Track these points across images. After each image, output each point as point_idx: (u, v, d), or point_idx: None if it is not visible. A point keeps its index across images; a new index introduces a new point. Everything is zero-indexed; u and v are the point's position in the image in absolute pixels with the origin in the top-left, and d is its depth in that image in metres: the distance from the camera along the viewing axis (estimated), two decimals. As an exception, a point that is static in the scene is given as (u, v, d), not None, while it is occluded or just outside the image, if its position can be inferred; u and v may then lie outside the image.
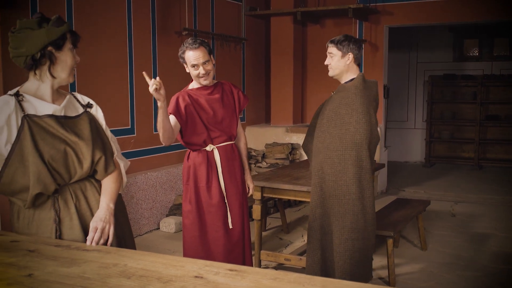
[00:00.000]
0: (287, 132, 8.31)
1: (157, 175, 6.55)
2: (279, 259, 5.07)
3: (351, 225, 3.73)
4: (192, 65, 3.94)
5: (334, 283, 1.77)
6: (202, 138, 3.98)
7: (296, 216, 7.19)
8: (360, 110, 3.73)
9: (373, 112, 3.79)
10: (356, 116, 3.73)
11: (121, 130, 6.14)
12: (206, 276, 1.85)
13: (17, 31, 2.44)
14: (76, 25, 5.46)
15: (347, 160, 3.73)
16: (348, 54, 3.88)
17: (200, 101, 3.99)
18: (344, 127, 3.75)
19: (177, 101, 3.97)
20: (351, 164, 3.72)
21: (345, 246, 3.74)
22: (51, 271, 1.94)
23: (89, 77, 5.66)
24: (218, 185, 3.99)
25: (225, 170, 4.02)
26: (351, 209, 3.73)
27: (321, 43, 8.88)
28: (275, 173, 5.40)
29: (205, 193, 3.97)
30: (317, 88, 9.02)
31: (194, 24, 7.29)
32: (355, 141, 3.71)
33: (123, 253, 2.16)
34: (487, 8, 7.90)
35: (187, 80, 7.17)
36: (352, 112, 3.75)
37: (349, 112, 3.76)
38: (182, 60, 3.99)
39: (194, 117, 3.94)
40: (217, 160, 4.00)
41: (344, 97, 3.85)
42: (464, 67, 11.55)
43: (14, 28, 2.45)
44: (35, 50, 2.44)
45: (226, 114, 4.06)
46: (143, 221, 6.34)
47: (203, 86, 4.03)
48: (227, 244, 4.01)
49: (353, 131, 3.72)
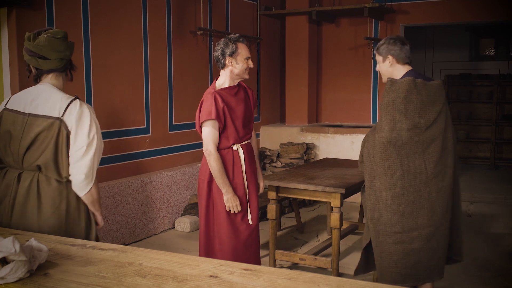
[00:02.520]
0: (302, 131, 8.29)
1: (172, 174, 6.56)
2: (294, 258, 5.06)
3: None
4: (247, 57, 3.94)
5: (350, 282, 1.77)
6: (233, 141, 3.98)
7: (311, 216, 7.18)
8: (382, 108, 3.69)
9: (396, 112, 3.61)
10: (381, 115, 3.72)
11: (136, 129, 6.17)
12: (221, 276, 1.85)
13: (63, 37, 3.03)
14: (92, 25, 5.49)
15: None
16: (387, 57, 3.85)
17: (231, 102, 3.95)
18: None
19: (216, 106, 3.85)
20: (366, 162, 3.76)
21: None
22: (67, 270, 1.95)
23: (105, 77, 5.69)
24: (242, 182, 4.02)
25: (248, 167, 4.06)
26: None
27: (336, 43, 8.86)
28: (290, 172, 5.39)
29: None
30: (332, 87, 9.00)
31: (209, 24, 7.30)
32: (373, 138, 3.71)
33: (138, 252, 2.16)
34: (503, 7, 7.83)
35: (201, 80, 7.21)
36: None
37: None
38: (229, 53, 3.89)
39: (228, 120, 3.92)
40: (242, 158, 4.02)
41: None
42: (480, 67, 11.46)
43: (56, 33, 2.99)
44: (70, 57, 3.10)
45: (250, 113, 4.10)
46: (158, 220, 6.36)
47: (230, 86, 4.00)
48: (247, 239, 4.05)
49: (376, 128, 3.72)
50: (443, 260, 3.81)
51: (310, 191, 4.84)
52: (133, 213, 5.97)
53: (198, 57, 7.16)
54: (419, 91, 3.65)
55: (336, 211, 4.73)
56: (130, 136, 6.08)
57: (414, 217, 3.61)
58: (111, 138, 5.82)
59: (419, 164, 3.61)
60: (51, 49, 2.90)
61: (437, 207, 3.65)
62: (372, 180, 3.70)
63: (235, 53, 3.88)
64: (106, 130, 5.75)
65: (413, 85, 3.64)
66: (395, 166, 3.59)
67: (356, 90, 8.79)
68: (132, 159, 6.12)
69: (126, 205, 5.88)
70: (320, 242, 5.91)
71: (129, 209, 5.92)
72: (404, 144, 3.60)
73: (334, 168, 5.67)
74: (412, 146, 3.61)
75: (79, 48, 5.38)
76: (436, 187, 3.64)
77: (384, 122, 3.63)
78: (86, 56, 5.46)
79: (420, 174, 3.61)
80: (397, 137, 3.59)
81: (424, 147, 3.64)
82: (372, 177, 3.70)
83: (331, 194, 4.72)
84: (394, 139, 3.59)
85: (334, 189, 4.68)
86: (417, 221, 3.62)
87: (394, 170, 3.59)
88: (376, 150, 3.66)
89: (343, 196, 4.70)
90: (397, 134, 3.59)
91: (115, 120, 5.87)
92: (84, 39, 5.43)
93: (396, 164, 3.59)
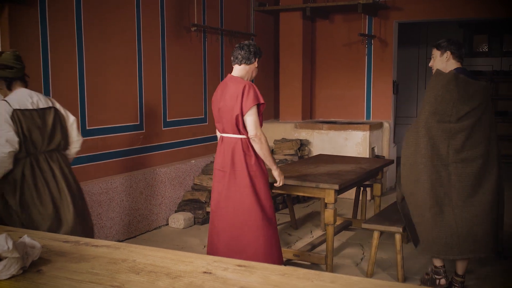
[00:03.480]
0: (296, 128, 8.30)
1: (166, 171, 6.56)
2: (288, 255, 5.07)
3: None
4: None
5: (344, 278, 1.77)
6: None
7: (305, 212, 7.19)
8: (426, 94, 4.31)
9: (433, 99, 4.18)
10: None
11: (130, 126, 6.16)
12: (214, 272, 1.85)
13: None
14: (85, 21, 5.47)
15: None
16: (446, 52, 4.39)
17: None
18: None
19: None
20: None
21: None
22: (60, 267, 1.94)
23: (98, 73, 5.67)
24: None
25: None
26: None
27: (330, 39, 8.87)
28: (284, 169, 5.39)
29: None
30: (326, 84, 9.00)
31: (203, 20, 7.28)
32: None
33: (132, 248, 2.16)
34: (497, 4, 7.84)
35: (195, 76, 7.20)
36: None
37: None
38: (258, 57, 4.45)
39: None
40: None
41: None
42: (474, 63, 11.49)
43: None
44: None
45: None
46: (152, 217, 6.35)
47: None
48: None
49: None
50: (466, 239, 4.17)
51: (304, 188, 4.84)
52: (126, 210, 5.96)
53: (192, 53, 7.15)
54: (458, 84, 4.15)
55: (330, 207, 4.74)
56: (123, 133, 6.07)
57: (434, 193, 4.14)
58: (104, 135, 5.81)
59: (442, 148, 4.13)
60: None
61: (453, 190, 4.14)
62: (408, 158, 4.24)
63: (259, 60, 4.45)
64: (100, 126, 5.73)
65: (453, 77, 4.17)
66: (423, 146, 4.13)
67: (350, 86, 8.80)
68: (126, 155, 6.11)
69: (120, 202, 5.87)
70: (314, 238, 5.92)
71: (123, 205, 5.92)
72: (433, 128, 4.14)
73: (328, 164, 5.67)
74: (439, 131, 4.13)
75: (72, 44, 5.36)
76: (456, 171, 4.13)
77: (424, 108, 4.20)
78: (79, 52, 5.44)
79: (441, 157, 4.13)
80: (429, 121, 4.14)
81: (452, 134, 4.13)
82: (407, 155, 4.24)
83: (325, 191, 4.72)
84: (428, 121, 4.14)
85: (328, 186, 4.68)
86: (436, 198, 4.14)
87: (422, 149, 4.13)
88: (412, 130, 4.22)
89: (337, 192, 4.71)
90: (430, 118, 4.14)
91: (109, 117, 5.86)
92: (77, 35, 5.40)
93: (424, 143, 4.13)
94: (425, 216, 4.18)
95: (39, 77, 5.01)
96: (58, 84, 5.20)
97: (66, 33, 5.30)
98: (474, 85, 4.22)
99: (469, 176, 4.14)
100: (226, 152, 4.30)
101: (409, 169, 4.23)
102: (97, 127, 5.71)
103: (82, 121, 5.52)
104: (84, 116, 5.53)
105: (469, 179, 4.14)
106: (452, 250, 4.19)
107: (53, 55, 5.14)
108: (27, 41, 4.91)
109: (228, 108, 4.24)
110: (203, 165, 7.23)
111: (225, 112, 4.28)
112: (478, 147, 4.19)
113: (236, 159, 4.26)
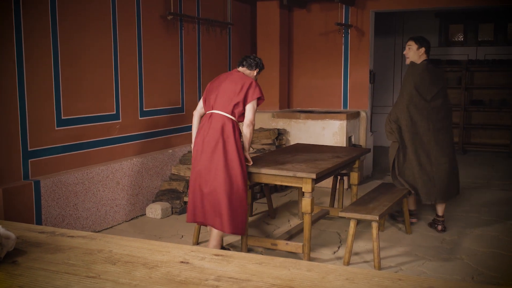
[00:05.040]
0: (274, 117, 8.31)
1: (143, 161, 6.52)
2: (266, 244, 5.08)
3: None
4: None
5: (320, 266, 1.78)
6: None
7: (282, 201, 7.21)
8: (405, 80, 5.83)
9: (412, 84, 5.67)
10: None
11: (106, 116, 6.10)
12: (192, 261, 1.85)
13: None
14: (60, 10, 5.40)
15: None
16: (422, 48, 5.77)
17: None
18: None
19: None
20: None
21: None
22: (35, 258, 1.93)
23: (73, 63, 5.61)
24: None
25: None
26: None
27: (307, 28, 8.87)
28: (261, 158, 5.40)
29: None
30: (303, 73, 9.02)
31: (180, 9, 7.23)
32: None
33: (108, 239, 2.15)
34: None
35: (172, 65, 7.17)
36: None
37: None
38: (258, 71, 5.19)
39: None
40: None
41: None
42: (450, 52, 11.59)
43: None
44: None
45: None
46: (129, 207, 6.32)
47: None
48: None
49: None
50: (443, 189, 5.72)
51: (282, 177, 4.85)
52: (103, 200, 5.93)
53: (169, 42, 7.10)
54: (429, 72, 5.73)
55: (307, 196, 4.76)
56: (100, 122, 6.02)
57: (418, 154, 5.64)
58: (80, 125, 5.76)
59: (422, 120, 5.61)
60: None
61: (432, 152, 5.63)
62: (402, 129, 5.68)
63: (258, 74, 5.20)
64: (76, 116, 5.68)
65: (426, 67, 5.74)
66: (409, 120, 5.61)
67: (327, 75, 8.82)
68: (102, 145, 6.06)
69: (96, 192, 5.83)
70: (291, 227, 5.95)
71: (99, 196, 5.88)
72: (415, 107, 5.61)
73: (305, 153, 5.69)
74: (419, 109, 5.61)
75: (46, 35, 5.29)
76: (434, 138, 5.62)
77: (405, 91, 5.67)
78: (54, 42, 5.37)
79: (422, 127, 5.61)
80: (411, 101, 5.62)
81: (428, 110, 5.63)
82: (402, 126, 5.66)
83: (302, 179, 4.74)
84: (410, 102, 5.61)
85: (305, 174, 4.70)
86: (420, 158, 5.65)
87: (407, 122, 5.61)
88: (400, 110, 5.65)
89: (314, 181, 4.73)
90: (411, 99, 5.61)
91: (85, 107, 5.80)
92: (51, 25, 5.33)
93: (409, 118, 5.61)
94: (415, 175, 5.67)
95: (13, 67, 4.94)
96: (32, 74, 5.14)
97: (40, 23, 5.23)
98: (438, 71, 5.94)
99: (441, 142, 5.65)
100: (215, 125, 4.84)
101: (400, 141, 5.70)
102: (72, 117, 5.65)
103: (58, 111, 5.46)
104: (60, 106, 5.47)
105: (442, 143, 5.65)
106: (433, 196, 5.71)
107: (27, 45, 5.06)
108: (0, 30, 4.83)
109: (232, 93, 4.88)
110: (181, 155, 7.20)
111: (227, 91, 4.90)
112: (445, 119, 5.73)
113: (226, 130, 4.83)
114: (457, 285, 1.57)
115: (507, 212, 6.61)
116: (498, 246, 5.39)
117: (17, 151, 5.08)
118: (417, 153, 5.63)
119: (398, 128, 5.65)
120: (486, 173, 8.94)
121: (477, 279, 4.57)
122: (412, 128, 5.61)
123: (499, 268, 4.83)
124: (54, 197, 5.30)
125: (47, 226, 4.90)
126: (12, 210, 4.88)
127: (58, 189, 5.35)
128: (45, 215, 5.20)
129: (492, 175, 8.75)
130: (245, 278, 1.70)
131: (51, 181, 5.28)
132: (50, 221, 5.24)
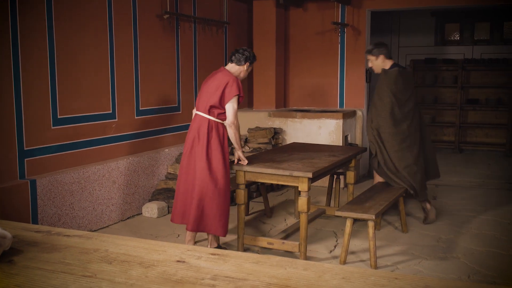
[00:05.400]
0: (270, 116, 8.31)
1: (139, 160, 6.52)
2: (262, 243, 5.08)
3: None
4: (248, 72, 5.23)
5: (316, 265, 1.78)
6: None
7: (278, 200, 7.21)
8: (381, 88, 5.83)
9: (389, 91, 5.78)
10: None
11: (102, 115, 6.10)
12: (188, 261, 1.85)
13: None
14: (55, 9, 5.38)
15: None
16: (380, 56, 5.85)
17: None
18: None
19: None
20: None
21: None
22: (32, 257, 1.92)
23: (69, 62, 5.60)
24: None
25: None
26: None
27: (304, 27, 8.87)
28: (258, 157, 5.40)
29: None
30: (299, 72, 9.02)
31: (176, 8, 7.22)
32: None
33: (104, 238, 2.15)
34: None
35: (168, 64, 7.16)
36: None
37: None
38: (250, 62, 5.13)
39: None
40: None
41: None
42: (446, 51, 11.61)
43: None
44: None
45: None
46: (125, 206, 6.31)
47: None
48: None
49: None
50: (423, 183, 5.97)
51: (278, 176, 4.85)
52: (99, 199, 5.92)
53: (165, 41, 7.10)
54: (402, 76, 5.86)
55: (303, 195, 4.76)
56: (96, 122, 6.01)
57: (403, 154, 5.77)
58: (76, 124, 5.75)
59: (403, 123, 5.78)
60: None
61: (414, 150, 5.83)
62: (382, 136, 5.83)
63: (250, 66, 5.16)
64: (72, 115, 5.67)
65: (398, 72, 5.84)
66: (392, 127, 5.75)
67: (324, 74, 8.83)
68: (98, 144, 6.05)
69: (92, 191, 5.83)
70: (288, 226, 5.95)
71: (96, 195, 5.87)
72: (397, 113, 5.75)
73: (301, 152, 5.69)
74: (398, 113, 5.76)
75: (43, 33, 5.28)
76: (414, 137, 5.84)
77: (385, 100, 5.75)
78: (50, 41, 5.36)
79: (403, 130, 5.78)
80: (393, 109, 5.73)
81: (405, 112, 5.81)
82: (382, 134, 5.82)
83: (298, 179, 4.74)
84: (392, 110, 5.73)
85: (302, 174, 4.70)
86: (406, 159, 5.77)
87: (391, 129, 5.74)
88: (383, 118, 5.74)
89: (310, 180, 4.73)
90: (392, 107, 5.73)
91: (81, 106, 5.79)
92: (47, 24, 5.32)
93: (392, 124, 5.74)
94: (401, 172, 5.83)
95: (9, 66, 4.93)
96: (28, 73, 5.13)
97: (36, 21, 5.21)
98: (408, 73, 6.11)
99: (417, 139, 5.89)
100: (193, 126, 5.00)
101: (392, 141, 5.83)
102: (68, 116, 5.65)
103: (54, 110, 5.45)
104: (56, 105, 5.46)
105: (417, 141, 5.89)
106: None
107: (23, 43, 5.05)
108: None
109: (210, 92, 4.92)
110: (177, 154, 7.20)
111: (207, 91, 4.95)
112: (418, 119, 5.98)
113: (201, 131, 4.92)
114: (453, 284, 1.57)
115: (503, 211, 6.63)
116: (494, 245, 5.41)
117: (13, 150, 5.07)
118: (405, 156, 5.79)
119: (378, 134, 5.80)
120: (482, 172, 8.95)
121: (473, 278, 4.58)
122: (397, 134, 5.77)
123: (495, 267, 4.84)
124: (50, 196, 5.29)
125: (43, 225, 4.89)
126: (8, 209, 4.87)
127: (54, 188, 5.34)
128: (41, 214, 5.19)
129: (488, 174, 8.76)
130: (241, 277, 1.70)
131: (47, 180, 5.28)
132: (46, 220, 5.23)
